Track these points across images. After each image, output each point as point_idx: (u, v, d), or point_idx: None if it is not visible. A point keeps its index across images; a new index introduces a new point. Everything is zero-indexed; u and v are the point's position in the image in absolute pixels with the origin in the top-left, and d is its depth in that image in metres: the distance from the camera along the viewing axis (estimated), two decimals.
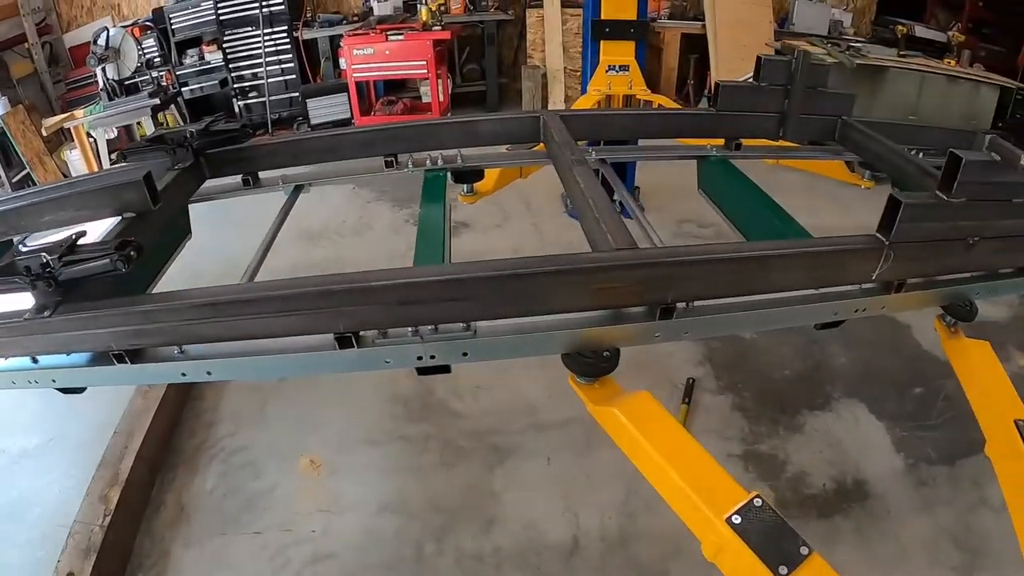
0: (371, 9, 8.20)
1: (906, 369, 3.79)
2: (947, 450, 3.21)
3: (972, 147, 1.83)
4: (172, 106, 7.44)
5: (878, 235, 1.79)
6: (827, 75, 2.78)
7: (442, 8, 7.60)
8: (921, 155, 2.82)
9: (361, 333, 1.58)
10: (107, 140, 6.53)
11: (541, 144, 2.72)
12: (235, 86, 8.02)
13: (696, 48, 7.95)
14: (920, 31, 7.75)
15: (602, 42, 4.31)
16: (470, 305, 1.55)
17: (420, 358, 1.63)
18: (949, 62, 6.72)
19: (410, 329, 1.60)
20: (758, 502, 1.36)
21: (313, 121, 7.80)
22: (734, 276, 1.72)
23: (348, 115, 7.71)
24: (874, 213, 1.75)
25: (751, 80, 2.79)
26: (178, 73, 7.89)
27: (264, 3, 7.60)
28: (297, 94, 7.96)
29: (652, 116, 3.02)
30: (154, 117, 6.69)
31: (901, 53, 6.69)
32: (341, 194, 5.95)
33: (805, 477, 3.09)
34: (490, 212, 5.44)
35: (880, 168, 2.81)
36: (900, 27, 7.07)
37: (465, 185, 2.89)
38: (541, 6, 7.80)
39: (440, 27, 7.09)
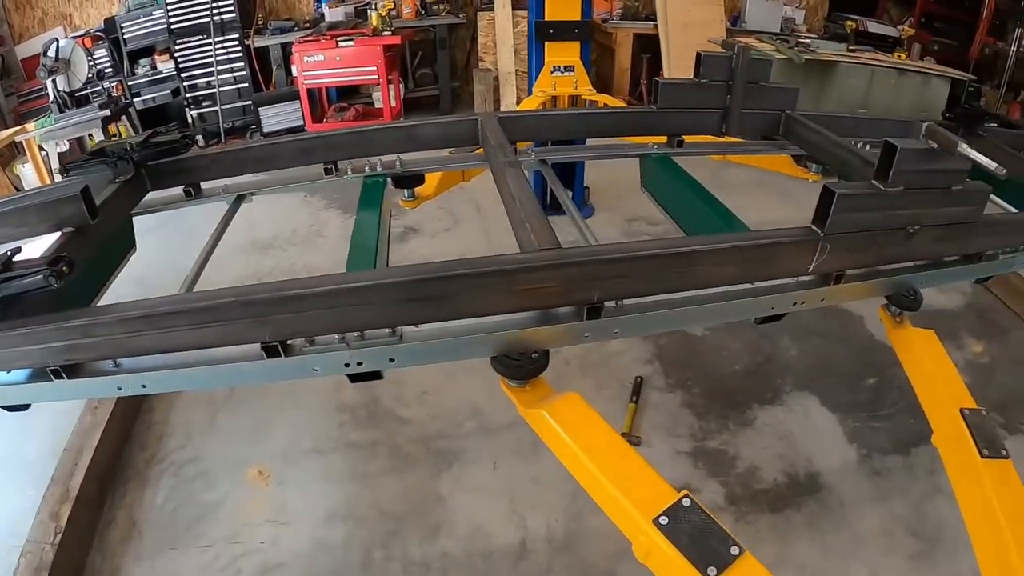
0: (323, 15, 8.09)
1: (858, 360, 3.79)
2: (901, 439, 3.20)
3: (910, 136, 1.83)
4: (124, 117, 7.22)
5: (813, 227, 1.76)
6: (769, 70, 2.77)
7: (393, 13, 7.51)
8: (868, 147, 2.90)
9: (288, 342, 1.55)
10: (59, 153, 6.36)
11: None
12: (188, 95, 7.88)
13: (649, 48, 7.99)
14: (872, 26, 7.83)
15: (547, 43, 4.26)
16: (394, 310, 1.53)
17: (348, 365, 1.61)
18: (900, 56, 6.78)
19: (337, 336, 1.57)
20: (687, 502, 1.34)
21: (266, 129, 7.69)
22: (663, 273, 1.68)
23: (301, 122, 7.59)
24: None
25: (693, 77, 2.76)
26: (130, 83, 7.75)
27: (215, 11, 7.47)
28: (250, 102, 7.83)
29: (592, 115, 2.97)
30: (105, 129, 6.53)
31: (851, 48, 6.73)
32: (291, 202, 5.84)
33: (756, 472, 3.06)
34: (439, 216, 5.38)
35: (824, 161, 2.82)
36: (850, 23, 7.15)
37: (406, 190, 2.84)
38: (492, 9, 7.75)
39: (390, 32, 7.00)
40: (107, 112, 6.31)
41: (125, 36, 7.62)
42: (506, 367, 1.66)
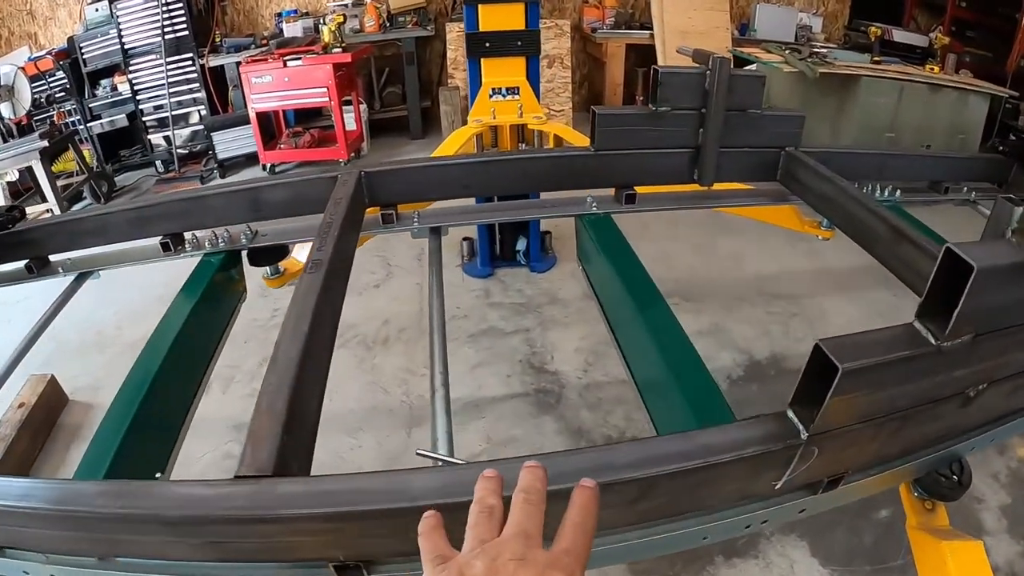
0: (282, 31, 7.32)
1: None
2: None
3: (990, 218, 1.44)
4: (89, 141, 6.94)
5: (791, 416, 1.01)
6: (761, 91, 2.05)
7: (354, 29, 6.71)
8: (899, 193, 2.37)
9: None
10: (6, 183, 6.11)
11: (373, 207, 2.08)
12: (146, 119, 7.26)
13: (646, 61, 7.13)
14: (898, 35, 6.90)
15: (483, 60, 3.39)
16: None
17: None
18: (932, 68, 5.84)
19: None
20: None
21: (220, 156, 7.01)
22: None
23: (255, 149, 6.83)
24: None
25: (649, 104, 2.00)
26: (91, 105, 7.20)
27: (167, 29, 6.82)
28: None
29: (498, 164, 2.09)
30: (52, 158, 6.09)
31: (875, 59, 5.80)
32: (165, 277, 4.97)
33: None
34: (373, 266, 4.56)
35: (837, 223, 2.00)
36: (874, 29, 6.20)
37: (268, 267, 2.23)
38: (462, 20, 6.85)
39: (341, 49, 6.16)
40: (45, 143, 5.89)
41: (84, 56, 7.12)
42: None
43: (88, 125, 7.08)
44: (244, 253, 2.08)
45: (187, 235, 2.04)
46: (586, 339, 3.69)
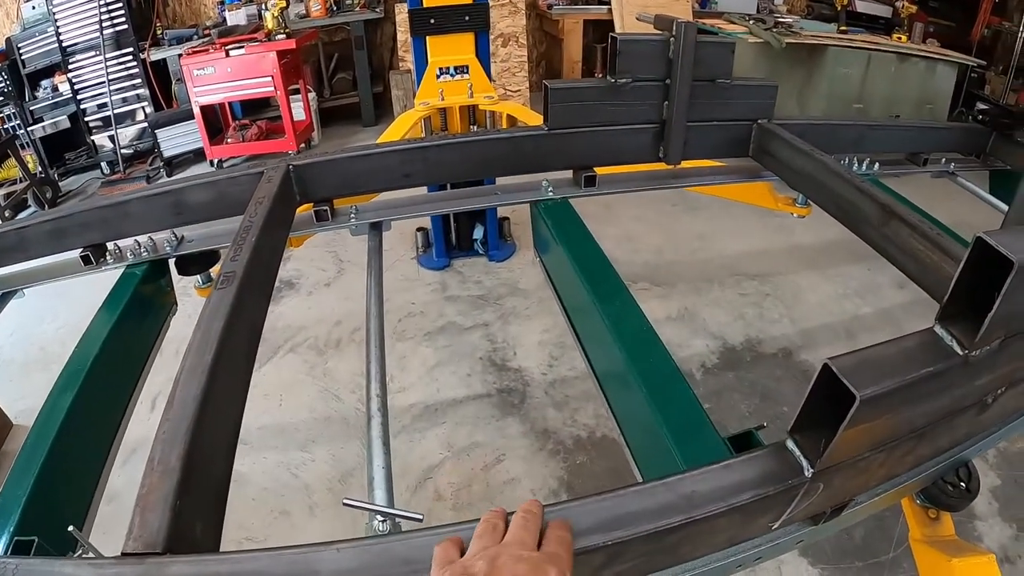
0: (225, 19, 6.98)
1: None
2: None
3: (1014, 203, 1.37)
4: (29, 147, 6.55)
5: (792, 448, 0.85)
6: (731, 59, 1.91)
7: (299, 14, 6.40)
8: (877, 165, 2.31)
9: None
10: None
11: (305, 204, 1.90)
12: (89, 118, 6.89)
13: (604, 37, 6.99)
14: (861, 5, 6.78)
15: (428, 39, 3.15)
16: None
17: None
18: (899, 38, 5.72)
19: None
20: None
21: (166, 153, 6.69)
22: None
23: (200, 144, 6.53)
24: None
25: (608, 76, 1.83)
26: (32, 108, 6.82)
27: (105, 23, 6.47)
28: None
29: (439, 148, 1.87)
30: None
31: (841, 29, 5.66)
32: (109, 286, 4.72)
33: None
34: (325, 263, 4.34)
35: (818, 200, 1.87)
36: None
37: (199, 276, 2.02)
38: None
39: (284, 35, 5.87)
40: None
41: (23, 57, 6.75)
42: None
43: (29, 129, 6.73)
44: (171, 262, 1.91)
45: (110, 246, 1.86)
46: (549, 332, 3.51)
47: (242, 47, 5.90)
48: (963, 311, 0.75)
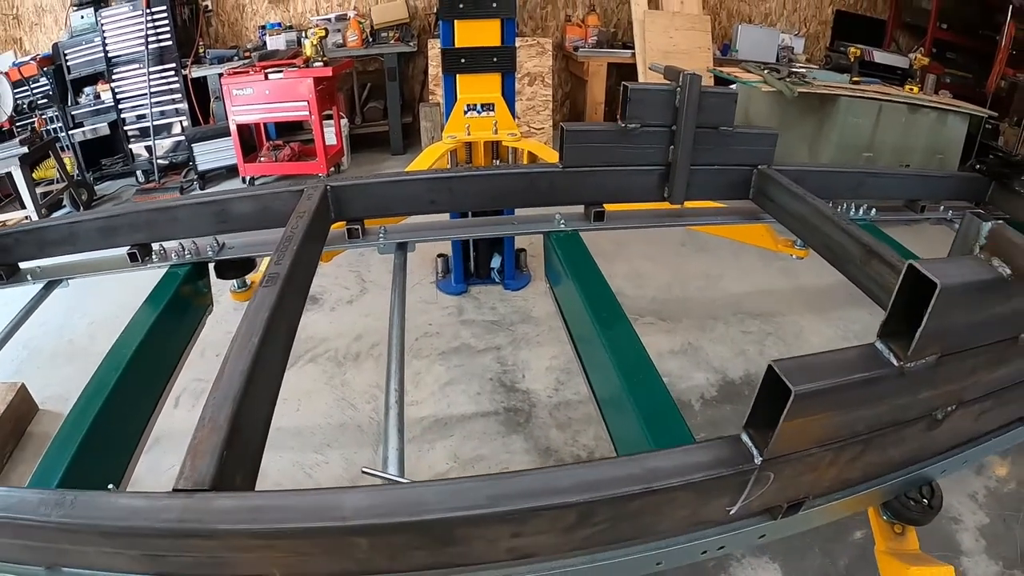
0: (265, 43, 7.29)
1: None
2: None
3: (958, 234, 1.20)
4: (70, 149, 6.82)
5: (745, 439, 0.98)
6: (732, 108, 2.05)
7: (337, 44, 6.68)
8: (874, 211, 2.39)
9: None
10: None
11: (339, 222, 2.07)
12: (128, 127, 7.17)
13: (627, 79, 7.01)
14: (879, 56, 6.96)
15: (458, 76, 3.37)
16: None
17: None
18: (911, 88, 5.87)
19: None
20: None
21: (200, 167, 6.94)
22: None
23: (235, 161, 6.78)
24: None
25: (619, 121, 1.99)
26: (74, 113, 7.10)
27: (151, 38, 6.76)
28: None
29: (459, 180, 2.07)
30: (32, 165, 6.04)
31: (854, 79, 5.82)
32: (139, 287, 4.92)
33: None
34: (347, 281, 4.52)
35: (810, 242, 2.00)
36: (853, 50, 6.22)
37: (235, 280, 2.22)
38: None
39: (322, 63, 6.14)
40: (25, 149, 5.80)
41: (68, 63, 7.03)
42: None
43: (70, 132, 7.00)
44: (211, 265, 2.05)
45: (155, 246, 2.01)
46: (557, 358, 3.65)
47: (281, 71, 6.16)
48: (902, 328, 0.89)
